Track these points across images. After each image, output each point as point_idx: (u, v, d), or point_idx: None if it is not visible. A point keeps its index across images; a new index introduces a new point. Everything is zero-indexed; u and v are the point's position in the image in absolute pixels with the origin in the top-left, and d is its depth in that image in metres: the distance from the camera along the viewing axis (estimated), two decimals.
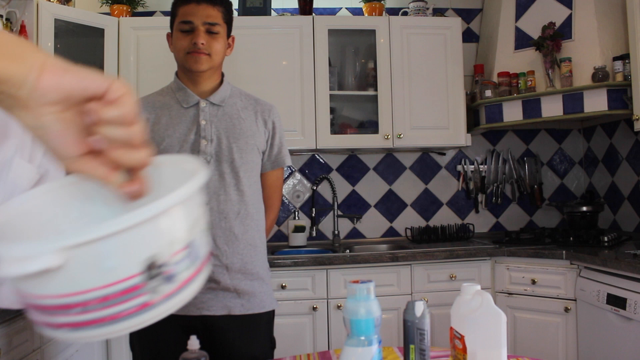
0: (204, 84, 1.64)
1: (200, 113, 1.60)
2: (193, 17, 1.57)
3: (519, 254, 2.63)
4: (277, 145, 1.70)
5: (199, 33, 1.56)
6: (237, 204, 1.58)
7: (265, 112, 1.67)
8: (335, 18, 3.21)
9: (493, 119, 3.00)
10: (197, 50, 1.56)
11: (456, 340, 1.05)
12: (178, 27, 1.62)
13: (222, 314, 1.55)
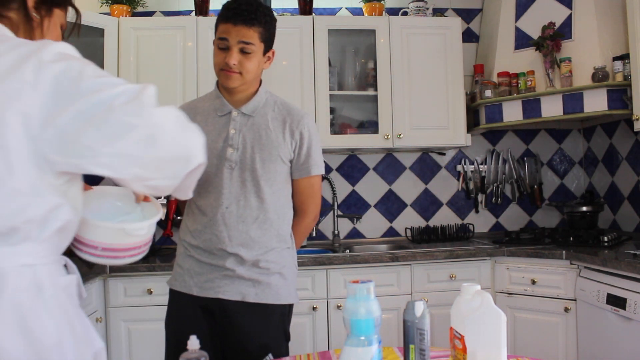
0: (237, 94, 1.71)
1: (231, 122, 1.69)
2: (228, 35, 1.61)
3: (519, 254, 2.63)
4: (305, 154, 1.74)
5: (232, 53, 1.62)
6: (256, 209, 1.67)
7: (294, 123, 1.72)
8: (335, 18, 3.22)
9: (493, 119, 3.00)
10: (229, 69, 1.63)
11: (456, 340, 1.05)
12: (216, 43, 1.66)
13: (236, 299, 1.65)
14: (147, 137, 0.91)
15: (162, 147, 0.93)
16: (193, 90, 2.84)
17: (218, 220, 1.66)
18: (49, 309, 0.94)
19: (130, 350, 2.50)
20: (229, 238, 1.65)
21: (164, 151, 0.94)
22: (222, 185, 1.66)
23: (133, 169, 0.92)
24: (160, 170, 0.96)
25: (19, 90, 0.88)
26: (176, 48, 2.85)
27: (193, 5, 3.06)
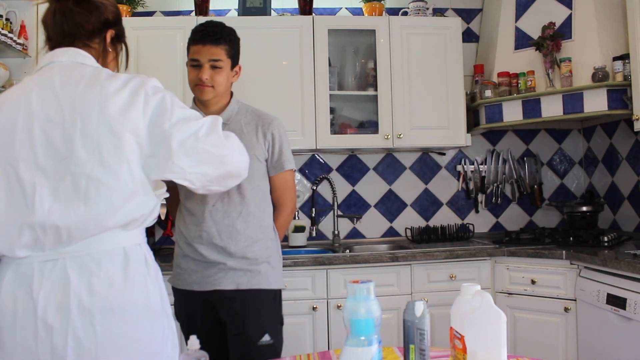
0: (212, 107, 1.93)
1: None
2: (199, 55, 1.85)
3: (519, 254, 2.63)
4: (277, 152, 1.95)
5: (204, 69, 1.84)
6: (238, 205, 1.87)
7: (265, 126, 1.94)
8: (335, 18, 3.22)
9: (493, 119, 3.00)
10: (202, 84, 1.85)
11: (456, 340, 1.05)
12: (189, 63, 1.89)
13: (232, 288, 1.84)
14: (220, 162, 1.28)
15: (228, 168, 1.30)
16: None
17: (206, 218, 1.86)
18: (151, 275, 1.29)
19: None
20: (218, 233, 1.85)
21: (228, 171, 1.31)
22: None
23: (205, 182, 1.29)
24: (220, 182, 1.34)
25: (136, 118, 1.19)
26: (176, 48, 2.85)
27: (193, 5, 3.06)
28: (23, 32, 2.56)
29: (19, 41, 2.49)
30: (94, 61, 1.31)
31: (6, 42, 2.38)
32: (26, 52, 2.55)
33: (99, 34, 1.33)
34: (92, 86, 1.20)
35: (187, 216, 1.90)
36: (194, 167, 1.23)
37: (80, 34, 1.30)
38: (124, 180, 1.19)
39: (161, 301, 1.29)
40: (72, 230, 1.17)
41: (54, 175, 1.17)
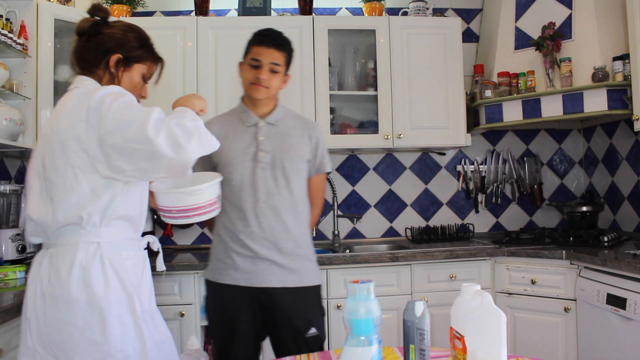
0: (262, 108, 2.01)
1: (258, 131, 1.99)
2: (261, 56, 1.93)
3: (519, 254, 2.63)
4: (320, 155, 2.06)
5: (263, 70, 1.93)
6: (288, 201, 1.96)
7: (311, 130, 2.05)
8: (335, 18, 3.21)
9: (493, 119, 3.00)
10: (259, 83, 1.93)
11: (456, 340, 1.05)
12: (248, 62, 1.96)
13: (279, 286, 1.91)
14: (153, 157, 1.35)
15: (164, 162, 1.36)
16: (193, 90, 2.83)
17: (258, 214, 1.92)
18: (105, 272, 1.42)
19: None
20: (270, 228, 1.92)
21: (166, 164, 1.37)
22: (258, 183, 1.93)
23: (149, 176, 1.45)
24: (168, 173, 1.43)
25: (78, 127, 1.39)
26: (176, 48, 2.85)
27: (193, 5, 3.06)
28: (23, 32, 2.56)
29: (19, 41, 2.49)
30: (94, 84, 1.55)
31: (6, 42, 2.38)
32: (26, 52, 2.55)
33: (101, 61, 1.56)
34: (67, 104, 1.47)
35: (234, 211, 1.94)
36: (131, 165, 1.38)
37: (86, 65, 1.57)
38: (69, 181, 1.40)
39: (123, 300, 1.44)
40: (41, 224, 1.45)
41: (40, 179, 1.46)
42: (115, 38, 1.58)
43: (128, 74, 1.60)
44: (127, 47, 1.59)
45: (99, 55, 1.56)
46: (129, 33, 1.61)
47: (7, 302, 1.68)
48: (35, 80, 2.59)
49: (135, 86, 1.62)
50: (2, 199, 2.52)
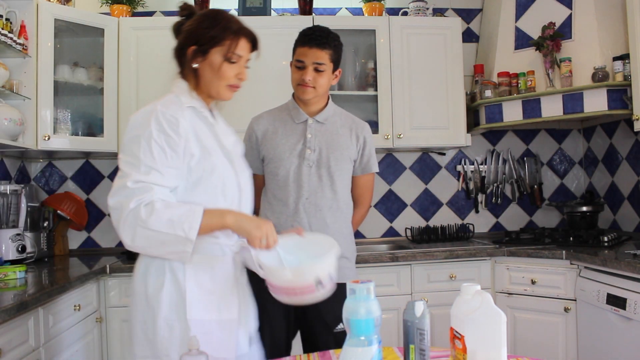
0: (312, 106, 2.03)
1: (307, 128, 2.00)
2: (305, 57, 1.95)
3: (519, 254, 2.63)
4: (367, 155, 2.07)
5: (307, 71, 1.94)
6: (330, 200, 1.98)
7: (359, 130, 2.06)
8: (335, 18, 3.21)
9: (493, 119, 3.00)
10: (305, 84, 1.95)
11: (456, 340, 1.05)
12: (294, 63, 2.01)
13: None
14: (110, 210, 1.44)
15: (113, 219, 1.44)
16: None
17: (299, 210, 1.94)
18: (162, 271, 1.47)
19: None
20: (309, 225, 1.94)
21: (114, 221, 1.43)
22: (302, 180, 1.95)
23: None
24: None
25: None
26: None
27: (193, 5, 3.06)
28: (23, 32, 2.56)
29: (19, 41, 2.49)
30: (178, 88, 1.55)
31: (6, 42, 2.38)
32: (26, 52, 2.55)
33: (184, 61, 1.54)
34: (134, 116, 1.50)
35: (279, 206, 1.97)
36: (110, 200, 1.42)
37: (178, 67, 1.60)
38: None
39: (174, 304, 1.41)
40: None
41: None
42: (188, 31, 1.52)
43: (207, 63, 1.50)
44: (199, 35, 1.50)
45: (179, 54, 1.55)
46: (201, 20, 1.52)
47: (7, 302, 1.68)
48: (35, 80, 2.59)
49: (220, 73, 1.49)
50: (2, 199, 2.52)
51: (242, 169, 1.58)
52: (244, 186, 1.57)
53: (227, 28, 1.48)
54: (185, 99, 1.50)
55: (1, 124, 2.34)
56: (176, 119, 1.41)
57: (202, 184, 1.43)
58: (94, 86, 2.88)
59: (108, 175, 3.19)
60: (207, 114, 1.53)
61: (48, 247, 2.80)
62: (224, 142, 1.53)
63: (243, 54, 1.50)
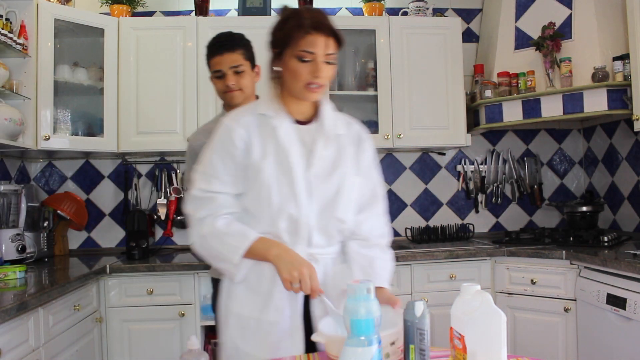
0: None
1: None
2: (220, 65, 1.95)
3: (519, 254, 2.63)
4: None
5: (228, 77, 1.95)
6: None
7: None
8: (335, 18, 3.19)
9: (493, 119, 3.00)
10: (230, 90, 1.96)
11: (456, 340, 1.05)
12: (213, 75, 1.99)
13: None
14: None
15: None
16: (193, 90, 2.84)
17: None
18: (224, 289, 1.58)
19: (130, 350, 2.50)
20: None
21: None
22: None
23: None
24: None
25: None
26: (176, 48, 2.85)
27: (193, 5, 3.06)
28: (23, 32, 2.56)
29: (19, 41, 2.49)
30: (265, 94, 1.55)
31: (6, 42, 2.38)
32: (26, 52, 2.55)
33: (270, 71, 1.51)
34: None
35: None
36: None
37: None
38: None
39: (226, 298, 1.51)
40: None
41: None
42: (269, 35, 1.47)
43: (284, 65, 1.44)
44: (274, 37, 1.46)
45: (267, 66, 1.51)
46: (275, 22, 1.46)
47: (7, 302, 1.68)
48: (35, 80, 2.59)
49: (294, 74, 1.42)
50: (2, 199, 2.52)
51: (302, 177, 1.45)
52: (302, 195, 1.45)
53: (294, 26, 1.41)
54: (261, 106, 1.51)
55: (1, 124, 2.34)
56: (232, 129, 1.47)
57: (250, 191, 1.45)
58: (94, 86, 2.88)
59: (108, 175, 3.19)
60: (279, 121, 1.47)
61: (48, 247, 2.80)
62: (289, 150, 1.45)
63: (315, 50, 1.40)
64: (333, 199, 1.48)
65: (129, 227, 2.77)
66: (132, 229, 2.75)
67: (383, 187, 1.63)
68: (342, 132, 1.56)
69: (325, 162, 1.49)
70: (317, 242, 1.47)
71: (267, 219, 1.45)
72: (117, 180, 3.18)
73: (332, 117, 1.55)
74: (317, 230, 1.46)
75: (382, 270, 1.48)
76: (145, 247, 2.73)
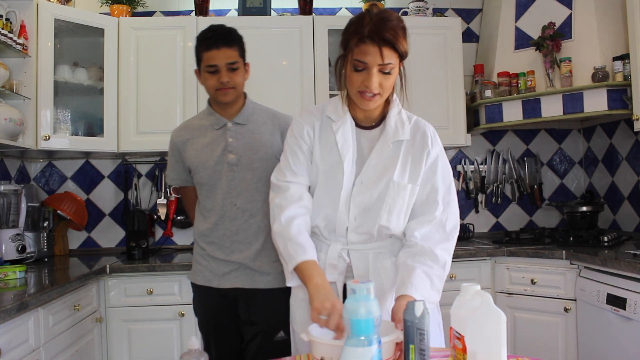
0: (230, 108, 1.94)
1: (227, 132, 1.91)
2: (216, 60, 1.83)
3: (519, 254, 2.63)
4: None
5: (223, 73, 1.84)
6: (261, 203, 1.88)
7: (282, 124, 1.95)
8: (335, 18, 3.21)
9: (493, 119, 3.00)
10: (224, 87, 1.85)
11: (456, 340, 1.05)
12: (205, 70, 1.86)
13: (250, 287, 1.89)
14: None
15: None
16: (193, 89, 2.83)
17: (229, 217, 1.89)
18: None
19: (130, 350, 2.50)
20: (239, 230, 1.89)
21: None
22: (229, 186, 1.89)
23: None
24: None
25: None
26: (176, 48, 2.85)
27: (193, 5, 3.06)
28: (23, 32, 2.56)
29: (19, 41, 2.49)
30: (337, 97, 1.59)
31: (6, 42, 2.38)
32: (26, 52, 2.55)
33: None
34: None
35: (210, 215, 1.95)
36: None
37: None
38: None
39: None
40: None
41: None
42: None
43: (348, 71, 1.42)
44: (341, 40, 1.44)
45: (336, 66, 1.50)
46: (346, 25, 1.45)
47: (7, 302, 1.68)
48: (35, 80, 2.60)
49: (351, 83, 1.41)
50: (2, 199, 2.52)
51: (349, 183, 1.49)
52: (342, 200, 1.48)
53: (353, 32, 1.39)
54: (329, 108, 1.55)
55: (1, 124, 2.34)
56: (302, 125, 1.54)
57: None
58: (94, 86, 2.88)
59: (108, 175, 3.19)
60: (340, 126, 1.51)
61: (48, 247, 2.80)
62: (344, 157, 1.48)
63: (368, 60, 1.37)
64: (373, 205, 1.48)
65: (129, 227, 2.77)
66: (132, 229, 2.75)
67: (448, 192, 1.53)
68: (404, 138, 1.53)
69: (376, 170, 1.49)
70: (355, 239, 1.51)
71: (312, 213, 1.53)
72: (117, 180, 3.18)
73: (397, 122, 1.55)
74: (354, 230, 1.50)
75: (420, 282, 1.37)
76: (145, 247, 2.73)
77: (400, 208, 1.48)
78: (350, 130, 1.51)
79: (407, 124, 1.56)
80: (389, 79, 1.45)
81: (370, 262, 1.51)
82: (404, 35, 1.50)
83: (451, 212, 1.52)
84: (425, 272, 1.40)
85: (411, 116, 1.63)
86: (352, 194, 1.48)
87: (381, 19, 1.41)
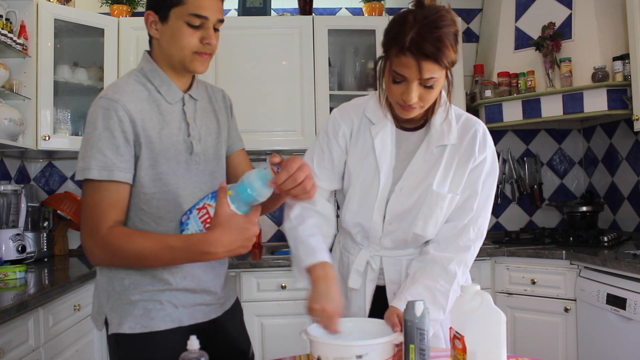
0: (183, 77, 1.37)
1: (185, 110, 1.36)
2: (208, 11, 1.27)
3: (519, 254, 2.63)
4: (235, 127, 1.52)
5: (211, 32, 1.29)
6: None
7: (226, 98, 1.51)
8: (335, 18, 3.21)
9: (493, 119, 3.00)
10: (204, 52, 1.30)
11: (456, 340, 1.05)
12: (186, 19, 1.26)
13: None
14: None
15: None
16: None
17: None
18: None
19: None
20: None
21: None
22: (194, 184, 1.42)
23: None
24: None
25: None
26: None
27: None
28: (23, 32, 2.56)
29: (19, 41, 2.49)
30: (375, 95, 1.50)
31: (6, 42, 2.38)
32: (26, 52, 2.55)
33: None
34: None
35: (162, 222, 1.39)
36: None
37: None
38: None
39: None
40: None
41: None
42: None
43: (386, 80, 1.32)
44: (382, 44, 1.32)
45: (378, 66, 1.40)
46: (388, 24, 1.32)
47: (7, 302, 1.68)
48: (35, 80, 2.60)
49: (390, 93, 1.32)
50: (2, 199, 2.52)
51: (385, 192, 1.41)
52: (376, 208, 1.41)
53: (393, 39, 1.23)
54: (369, 108, 1.43)
55: (1, 124, 2.34)
56: (339, 124, 1.44)
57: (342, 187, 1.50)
58: (94, 86, 2.88)
59: None
60: (379, 130, 1.39)
61: (48, 247, 2.80)
62: (381, 165, 1.39)
63: (407, 74, 1.23)
64: (409, 213, 1.39)
65: None
66: None
67: (487, 200, 1.41)
68: (451, 142, 1.38)
69: (416, 177, 1.38)
70: (389, 245, 1.44)
71: (343, 218, 1.47)
72: None
73: (444, 124, 1.38)
74: (387, 236, 1.42)
75: (416, 297, 1.28)
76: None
77: (437, 217, 1.38)
78: (390, 135, 1.39)
79: (454, 126, 1.38)
80: (430, 92, 1.27)
81: (403, 268, 1.43)
82: (453, 43, 1.23)
83: (482, 221, 1.40)
84: (427, 287, 1.32)
85: (460, 114, 1.43)
86: (388, 200, 1.39)
87: (427, 25, 1.19)
